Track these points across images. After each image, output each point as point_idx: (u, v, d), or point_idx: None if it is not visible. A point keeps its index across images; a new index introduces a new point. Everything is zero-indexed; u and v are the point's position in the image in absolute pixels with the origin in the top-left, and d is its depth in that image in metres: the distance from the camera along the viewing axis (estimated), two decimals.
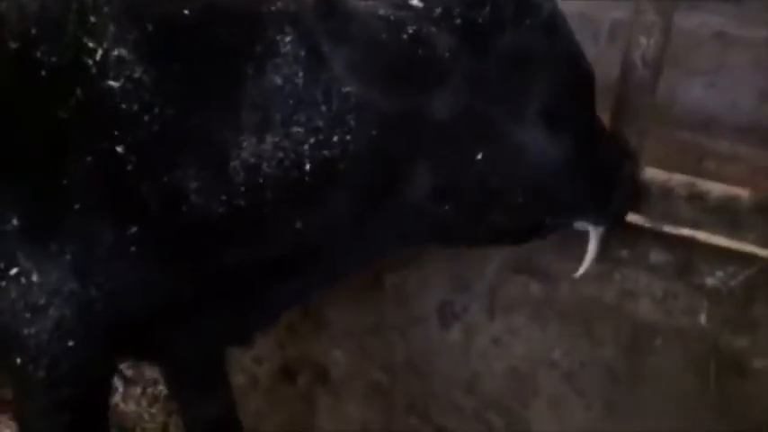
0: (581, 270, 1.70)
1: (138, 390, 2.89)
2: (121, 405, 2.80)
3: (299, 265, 1.52)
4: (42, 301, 1.41)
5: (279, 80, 1.35)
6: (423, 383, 2.17)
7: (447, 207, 1.42)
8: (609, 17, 2.98)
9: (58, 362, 1.46)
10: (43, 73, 1.34)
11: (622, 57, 1.72)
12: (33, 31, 1.36)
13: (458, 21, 1.35)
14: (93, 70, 1.33)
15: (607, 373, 1.82)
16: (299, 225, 1.40)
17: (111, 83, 1.33)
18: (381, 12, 1.28)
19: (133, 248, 1.39)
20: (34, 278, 1.41)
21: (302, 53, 1.32)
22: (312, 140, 1.33)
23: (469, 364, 2.08)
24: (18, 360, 1.46)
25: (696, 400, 1.67)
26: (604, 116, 1.74)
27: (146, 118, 1.33)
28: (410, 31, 1.30)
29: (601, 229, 1.67)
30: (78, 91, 1.34)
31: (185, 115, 1.35)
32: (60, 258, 1.39)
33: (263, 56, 1.36)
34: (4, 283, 1.42)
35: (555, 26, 1.43)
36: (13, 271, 1.41)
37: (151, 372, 2.92)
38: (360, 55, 1.25)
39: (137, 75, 1.34)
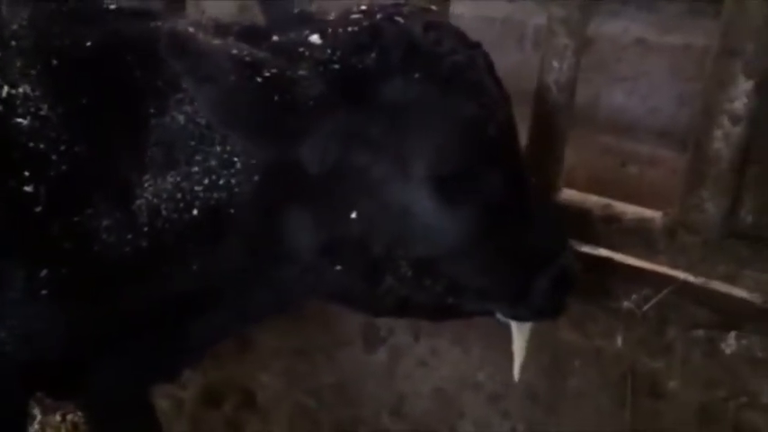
0: (515, 373, 1.57)
1: (58, 417, 2.76)
2: None
3: (208, 304, 1.47)
4: None
5: (181, 118, 1.33)
6: (350, 407, 2.14)
7: (338, 267, 1.33)
8: (533, 22, 2.99)
9: None
10: None
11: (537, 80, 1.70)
12: None
13: (335, 66, 1.23)
14: (0, 107, 1.30)
15: (529, 395, 1.82)
16: (195, 268, 1.36)
17: (19, 120, 1.30)
18: (234, 51, 1.14)
19: (45, 291, 1.34)
20: None
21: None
22: (206, 181, 1.28)
23: (396, 387, 2.05)
24: None
25: (613, 420, 1.69)
26: (522, 134, 1.72)
27: (54, 156, 1.30)
28: (266, 75, 1.15)
29: (525, 325, 1.50)
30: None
31: (93, 153, 1.32)
32: None
33: (165, 91, 1.34)
34: None
35: (455, 82, 1.25)
36: None
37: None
38: (217, 97, 1.14)
39: (43, 112, 1.32)
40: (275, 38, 1.35)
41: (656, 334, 1.62)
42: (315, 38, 1.28)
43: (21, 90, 1.32)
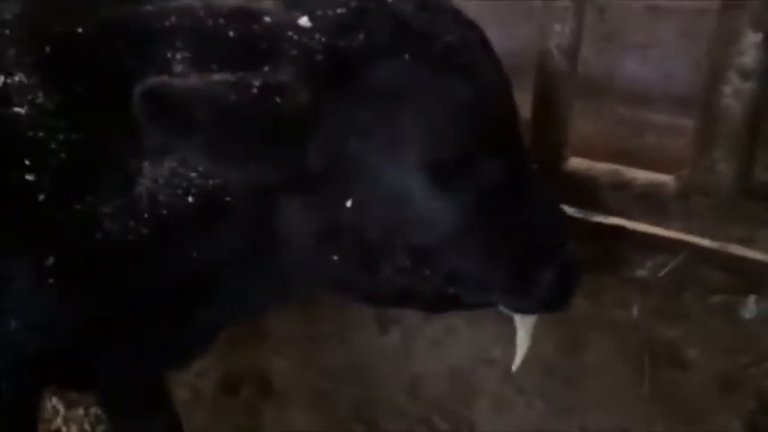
0: (515, 365, 1.51)
1: (81, 411, 2.79)
2: (63, 429, 2.70)
3: (210, 292, 1.45)
4: None
5: None
6: (366, 389, 2.13)
7: (335, 257, 1.28)
8: None
9: None
10: None
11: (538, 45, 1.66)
12: None
13: (320, 56, 1.16)
14: None
15: (545, 370, 1.79)
16: (195, 255, 1.35)
17: (17, 109, 1.30)
18: (217, 78, 1.11)
19: (51, 280, 1.34)
20: None
21: (195, 72, 1.24)
22: (201, 168, 1.25)
23: (410, 368, 2.03)
24: None
25: (632, 392, 1.65)
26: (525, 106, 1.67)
27: (53, 145, 1.29)
28: (258, 84, 1.11)
29: (529, 318, 1.44)
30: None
31: (91, 140, 1.31)
32: None
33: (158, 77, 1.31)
34: None
35: (448, 64, 1.18)
36: None
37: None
38: (209, 142, 1.10)
39: (39, 100, 1.31)
40: (266, 19, 1.31)
41: (672, 301, 1.58)
42: (304, 20, 1.22)
43: (16, 79, 1.31)
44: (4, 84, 1.31)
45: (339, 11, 1.21)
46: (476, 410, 1.93)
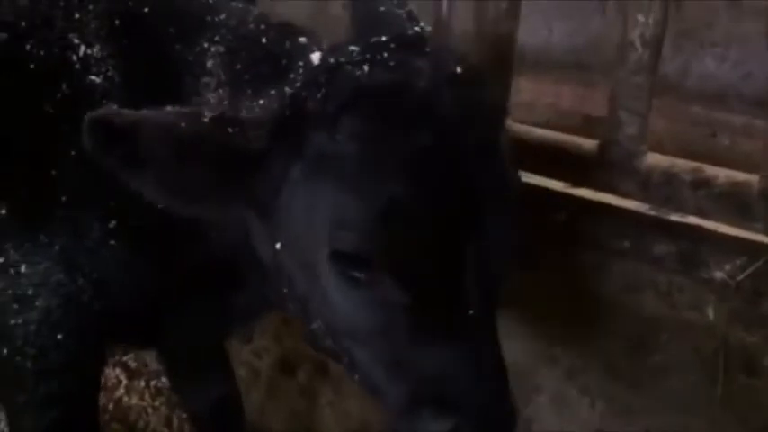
0: None
1: (142, 383, 2.88)
2: (125, 399, 2.79)
3: (238, 279, 1.48)
4: (30, 292, 1.44)
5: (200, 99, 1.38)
6: None
7: (285, 290, 1.25)
8: None
9: (46, 354, 1.48)
10: (32, 66, 1.38)
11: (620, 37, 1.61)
12: (23, 24, 1.41)
13: (290, 99, 1.11)
14: (77, 66, 1.38)
15: (610, 369, 1.74)
16: (213, 235, 1.39)
17: (93, 78, 1.38)
18: (170, 109, 1.11)
19: (113, 241, 1.42)
20: (22, 269, 1.44)
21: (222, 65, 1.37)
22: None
23: None
24: (5, 350, 1.49)
25: (703, 398, 1.59)
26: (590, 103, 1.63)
27: None
28: (209, 116, 1.09)
29: None
30: (64, 86, 1.38)
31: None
32: (49, 249, 1.43)
33: (193, 69, 1.40)
34: None
35: (377, 154, 1.03)
36: (1, 260, 1.44)
37: (155, 364, 2.91)
38: (160, 177, 1.10)
39: (110, 72, 1.39)
40: (301, 40, 1.36)
41: (751, 306, 1.51)
42: (315, 57, 1.20)
43: (95, 50, 1.39)
44: (85, 54, 1.39)
45: (335, 58, 1.14)
46: (534, 407, 1.90)
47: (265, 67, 1.33)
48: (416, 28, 1.36)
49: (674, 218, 1.62)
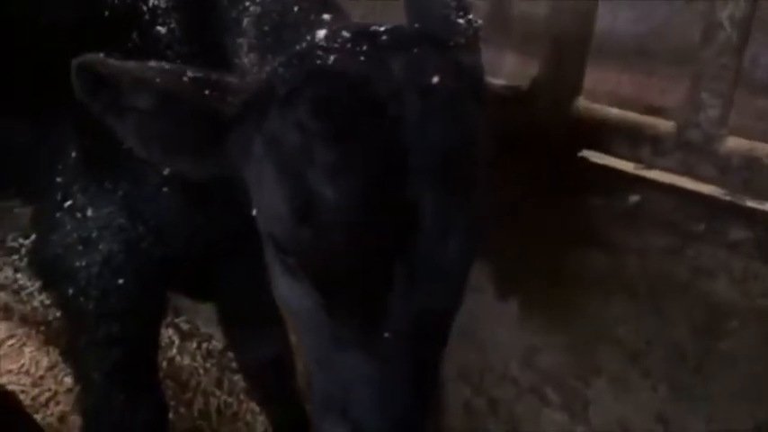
0: None
1: (194, 344, 2.94)
2: (177, 358, 2.86)
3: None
4: (94, 235, 1.49)
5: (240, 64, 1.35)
6: (476, 354, 2.13)
7: None
8: None
9: (107, 296, 1.53)
10: (106, 14, 1.41)
11: (706, 16, 1.57)
12: None
13: (272, 73, 1.07)
14: (147, 16, 1.40)
15: (676, 354, 1.73)
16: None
17: (159, 28, 1.40)
18: (153, 63, 1.10)
19: (166, 189, 1.45)
20: (88, 212, 1.49)
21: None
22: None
23: (526, 337, 2.01)
24: (70, 291, 1.54)
25: None
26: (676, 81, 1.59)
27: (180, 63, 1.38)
28: (190, 75, 1.09)
29: None
30: (134, 35, 1.40)
31: (206, 66, 1.33)
32: (113, 194, 1.47)
33: (231, 33, 1.38)
34: (59, 215, 1.51)
35: (327, 149, 0.96)
36: (68, 203, 1.50)
37: (206, 327, 2.97)
38: (140, 124, 1.09)
39: (173, 24, 1.41)
40: (325, 17, 1.29)
41: None
42: (319, 35, 1.13)
43: (161, 2, 1.41)
44: (153, 5, 1.41)
45: (319, 41, 1.10)
46: (593, 388, 1.89)
47: (287, 34, 1.30)
48: (459, 19, 1.26)
49: (752, 204, 1.59)
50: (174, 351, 2.89)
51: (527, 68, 2.47)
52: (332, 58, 1.02)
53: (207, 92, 1.09)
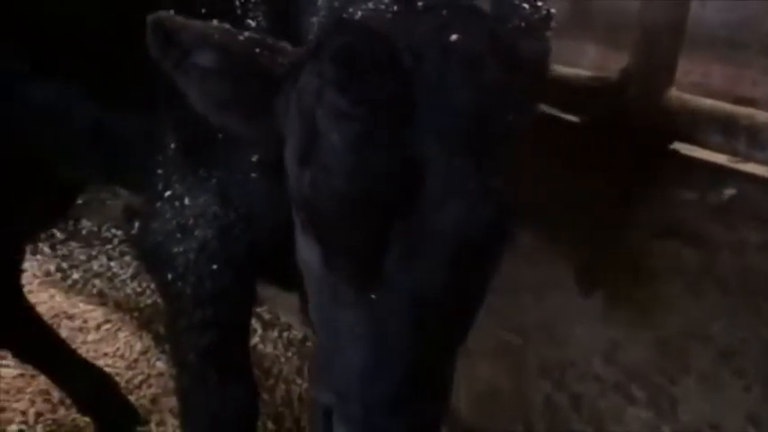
0: None
1: (275, 333, 3.04)
2: (260, 346, 2.96)
3: None
4: (190, 222, 1.57)
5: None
6: (558, 349, 2.10)
7: None
8: None
9: (203, 282, 1.60)
10: (203, 11, 1.44)
11: None
12: None
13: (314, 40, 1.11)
14: (239, 11, 1.46)
15: None
16: None
17: (249, 21, 1.45)
18: (215, 23, 1.16)
19: (254, 174, 1.50)
20: (186, 201, 1.57)
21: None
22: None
23: (610, 332, 1.98)
24: (169, 276, 1.62)
25: None
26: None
27: None
28: (245, 35, 1.16)
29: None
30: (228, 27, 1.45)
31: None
32: (207, 183, 1.54)
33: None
34: (159, 204, 1.60)
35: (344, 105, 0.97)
36: (167, 193, 1.59)
37: (286, 317, 3.06)
38: (204, 84, 1.16)
39: (260, 17, 1.45)
40: None
41: None
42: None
43: None
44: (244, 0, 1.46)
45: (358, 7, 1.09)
46: (681, 386, 1.85)
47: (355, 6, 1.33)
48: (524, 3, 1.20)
49: None
50: (257, 339, 2.99)
51: (609, 61, 2.41)
52: (359, 14, 1.04)
53: (258, 50, 1.14)
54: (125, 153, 1.76)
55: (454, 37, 0.98)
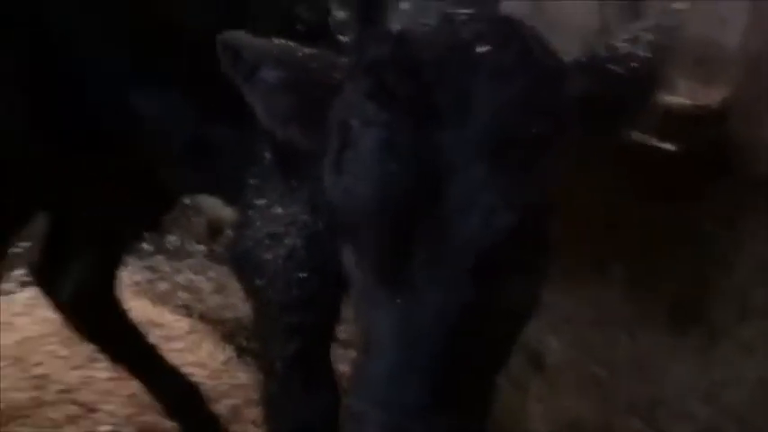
0: None
1: (353, 353, 3.03)
2: (337, 366, 2.96)
3: None
4: (281, 231, 1.62)
5: None
6: (650, 386, 2.03)
7: None
8: None
9: (290, 288, 1.64)
10: (300, 28, 1.54)
11: None
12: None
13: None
14: (332, 27, 1.49)
15: None
16: None
17: (341, 38, 1.48)
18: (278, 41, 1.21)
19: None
20: (278, 210, 1.62)
21: None
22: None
23: (708, 372, 1.89)
24: (258, 282, 1.68)
25: None
26: None
27: None
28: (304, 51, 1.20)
29: None
30: (323, 45, 1.48)
31: None
32: (298, 193, 1.59)
33: None
34: (251, 213, 1.66)
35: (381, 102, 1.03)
36: (260, 202, 1.65)
37: None
38: (267, 95, 1.21)
39: (350, 32, 1.46)
40: None
41: None
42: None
43: (342, 14, 1.49)
44: (337, 18, 1.49)
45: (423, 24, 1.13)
46: None
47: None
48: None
49: None
50: (333, 358, 3.00)
51: (698, 94, 2.34)
52: (399, 27, 1.11)
53: (314, 65, 1.19)
54: (222, 165, 1.83)
55: (482, 49, 1.03)
